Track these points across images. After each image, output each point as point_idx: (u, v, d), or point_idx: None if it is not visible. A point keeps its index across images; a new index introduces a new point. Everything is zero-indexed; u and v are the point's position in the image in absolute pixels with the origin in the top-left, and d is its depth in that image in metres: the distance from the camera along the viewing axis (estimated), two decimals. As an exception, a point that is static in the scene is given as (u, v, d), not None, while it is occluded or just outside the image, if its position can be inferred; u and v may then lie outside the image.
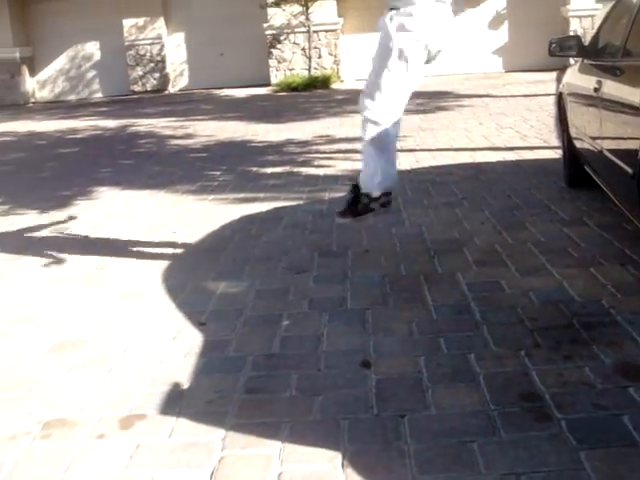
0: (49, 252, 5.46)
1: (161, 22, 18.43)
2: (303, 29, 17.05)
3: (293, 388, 3.04)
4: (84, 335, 3.81)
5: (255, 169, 7.89)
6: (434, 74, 16.19)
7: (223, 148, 9.70)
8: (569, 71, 6.08)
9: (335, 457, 2.53)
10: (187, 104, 15.50)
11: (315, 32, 17.02)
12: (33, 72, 19.56)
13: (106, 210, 6.69)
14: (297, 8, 16.79)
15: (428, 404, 2.83)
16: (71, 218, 6.47)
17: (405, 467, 2.44)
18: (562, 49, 5.78)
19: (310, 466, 2.51)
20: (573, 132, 5.58)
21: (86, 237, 5.79)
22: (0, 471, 2.65)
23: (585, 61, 5.52)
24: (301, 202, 6.26)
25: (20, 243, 5.81)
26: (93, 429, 2.87)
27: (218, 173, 7.87)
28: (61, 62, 19.51)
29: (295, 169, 7.69)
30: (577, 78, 5.54)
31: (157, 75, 18.60)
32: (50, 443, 2.82)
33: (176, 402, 3.02)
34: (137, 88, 18.63)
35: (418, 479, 2.37)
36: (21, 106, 18.69)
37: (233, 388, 3.09)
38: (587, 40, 6.26)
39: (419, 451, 2.52)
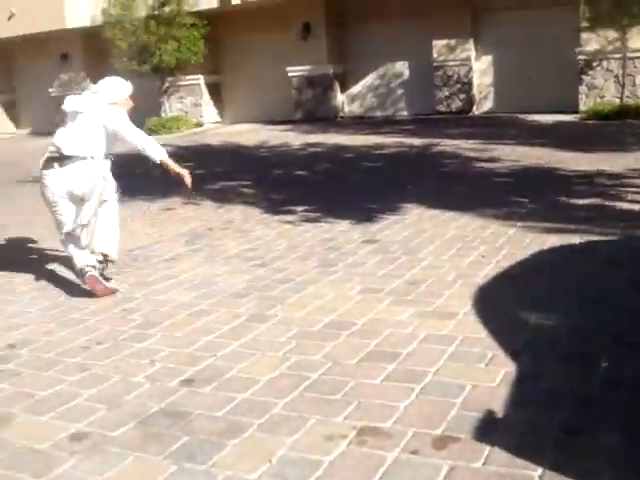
0: (361, 263, 5.68)
1: (470, 44, 18.52)
2: (617, 55, 16.34)
3: (616, 436, 2.90)
4: (397, 348, 3.91)
5: (564, 199, 7.66)
6: None
7: (529, 174, 9.53)
8: None
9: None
10: (491, 127, 15.43)
11: (630, 59, 16.24)
12: (344, 87, 20.52)
13: (414, 227, 6.82)
14: (612, 33, 16.10)
15: None
16: (380, 232, 6.69)
17: None
18: None
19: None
20: None
21: (396, 252, 5.94)
22: (319, 468, 2.80)
23: None
24: (615, 237, 5.96)
25: (332, 252, 6.10)
26: (407, 443, 2.94)
27: (525, 200, 7.72)
28: (370, 79, 20.29)
29: (607, 202, 7.35)
30: None
31: (463, 96, 18.72)
32: (365, 450, 2.92)
33: (489, 430, 3.00)
34: (442, 108, 18.87)
35: None
36: (330, 119, 19.67)
37: (548, 425, 3.00)
38: None
39: None
